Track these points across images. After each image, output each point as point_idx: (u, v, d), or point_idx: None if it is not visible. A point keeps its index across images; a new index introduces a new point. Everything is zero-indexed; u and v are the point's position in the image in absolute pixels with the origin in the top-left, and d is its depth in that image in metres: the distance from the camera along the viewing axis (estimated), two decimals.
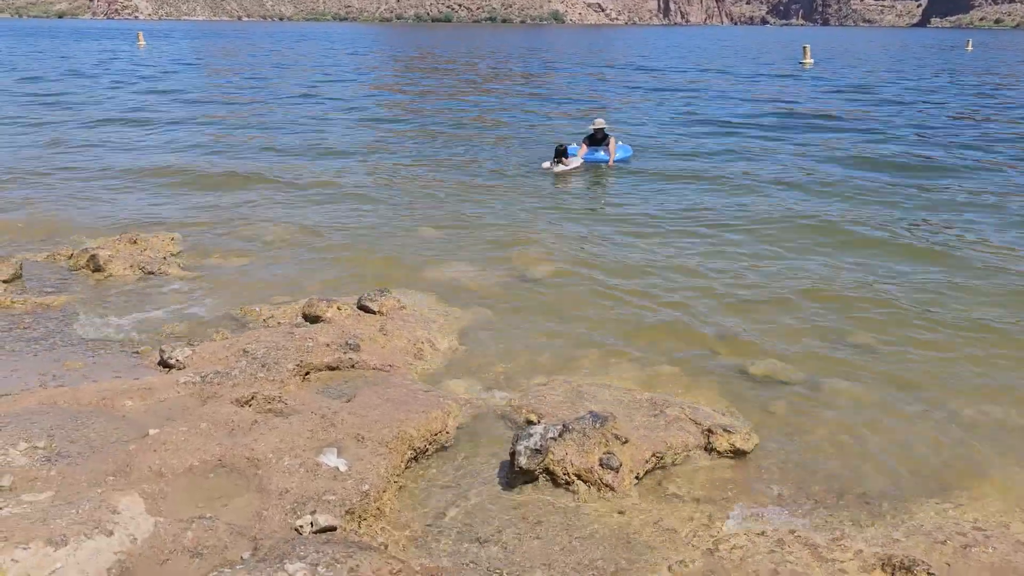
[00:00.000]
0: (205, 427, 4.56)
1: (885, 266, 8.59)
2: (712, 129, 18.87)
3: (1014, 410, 5.45)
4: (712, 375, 5.94)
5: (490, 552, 3.95)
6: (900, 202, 11.64)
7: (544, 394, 5.53)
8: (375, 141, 17.11)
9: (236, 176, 13.17)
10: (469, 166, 14.28)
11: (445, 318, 6.87)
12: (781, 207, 11.14)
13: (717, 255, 8.87)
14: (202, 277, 7.96)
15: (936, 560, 3.76)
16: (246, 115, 21.12)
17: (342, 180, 12.94)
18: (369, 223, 10.21)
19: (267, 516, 3.83)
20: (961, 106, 24.01)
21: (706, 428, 4.99)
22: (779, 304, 7.40)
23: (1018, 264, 8.59)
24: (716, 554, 3.90)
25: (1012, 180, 13.21)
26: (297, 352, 5.80)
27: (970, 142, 17.15)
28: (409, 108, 23.45)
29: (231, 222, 10.15)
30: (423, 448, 4.76)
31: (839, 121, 20.57)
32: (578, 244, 9.33)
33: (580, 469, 4.44)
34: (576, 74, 36.22)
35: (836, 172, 13.90)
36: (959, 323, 6.95)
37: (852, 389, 5.70)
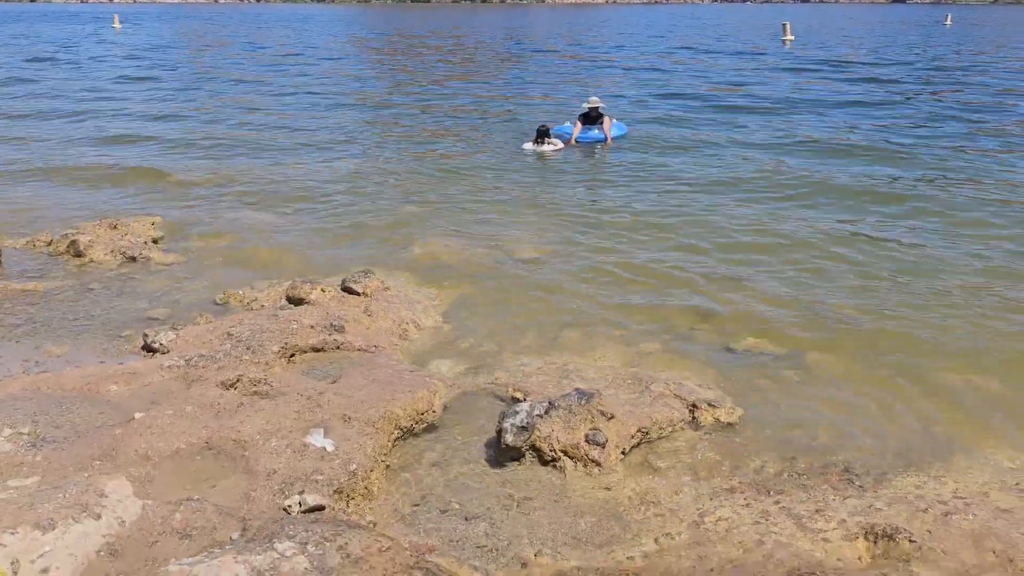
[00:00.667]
0: (191, 410, 4.55)
1: (863, 240, 8.66)
2: (694, 109, 18.85)
3: (994, 379, 5.53)
4: (696, 351, 5.98)
5: (478, 529, 3.98)
6: (875, 175, 11.71)
7: (530, 372, 5.55)
8: (356, 123, 17.01)
9: (215, 159, 13.07)
10: (452, 148, 14.23)
11: (430, 298, 6.87)
12: (762, 188, 11.14)
13: (698, 234, 8.88)
14: (184, 261, 7.91)
15: (917, 528, 3.82)
16: (224, 98, 20.91)
17: (324, 163, 12.86)
18: (352, 205, 10.16)
19: (255, 497, 3.84)
20: (939, 80, 24.11)
21: (690, 403, 5.03)
22: (760, 280, 7.46)
23: (994, 234, 8.68)
24: (702, 526, 3.95)
25: (986, 152, 13.30)
26: (282, 334, 5.79)
27: (947, 116, 17.25)
28: (390, 91, 23.28)
29: (212, 206, 10.08)
30: (410, 427, 4.78)
31: (818, 98, 20.60)
32: (561, 224, 9.33)
33: (566, 445, 4.47)
34: (558, 55, 36.06)
35: (812, 149, 13.96)
36: (938, 294, 7.03)
37: (834, 361, 5.76)
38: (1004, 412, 5.13)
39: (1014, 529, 3.79)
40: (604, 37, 49.83)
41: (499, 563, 3.72)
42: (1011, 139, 14.53)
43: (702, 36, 50.86)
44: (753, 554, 3.64)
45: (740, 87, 22.72)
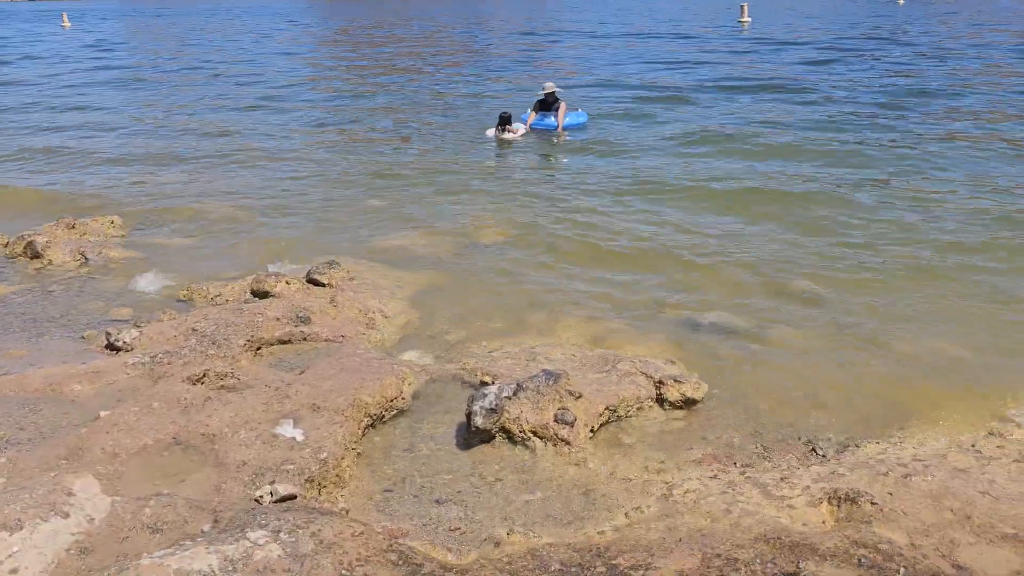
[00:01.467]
0: (157, 406, 4.52)
1: (819, 215, 8.82)
2: (652, 93, 18.93)
3: (948, 345, 5.68)
4: (661, 328, 6.06)
5: (450, 511, 4.01)
6: (833, 154, 11.91)
7: (497, 356, 5.59)
8: (316, 116, 16.85)
9: (175, 156, 12.89)
10: (413, 137, 14.18)
11: (395, 287, 6.87)
12: (718, 167, 11.24)
13: (660, 214, 8.99)
14: (146, 258, 7.81)
15: (879, 490, 3.92)
16: (180, 95, 20.60)
17: (284, 156, 12.76)
18: (315, 196, 10.11)
19: (226, 489, 3.84)
20: (896, 61, 24.47)
21: (657, 380, 5.10)
22: (722, 257, 7.57)
23: (946, 209, 8.87)
24: (670, 499, 4.02)
25: (944, 130, 13.56)
26: (247, 328, 5.76)
27: (902, 94, 17.52)
28: (350, 82, 23.09)
29: (173, 202, 9.96)
30: (379, 414, 4.79)
31: (775, 80, 20.81)
32: (524, 208, 9.37)
33: (536, 426, 4.52)
34: (518, 42, 35.99)
35: (769, 131, 14.11)
36: (894, 266, 7.19)
37: (796, 334, 5.87)
38: (961, 377, 5.27)
39: (971, 487, 3.91)
40: (562, 23, 49.82)
41: (472, 543, 3.75)
42: (958, 116, 14.81)
43: (659, 19, 51.05)
44: (721, 523, 3.71)
45: (692, 71, 22.80)
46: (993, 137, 12.60)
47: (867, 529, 3.57)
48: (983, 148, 11.86)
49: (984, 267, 7.05)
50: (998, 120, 14.01)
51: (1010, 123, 13.70)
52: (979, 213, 8.59)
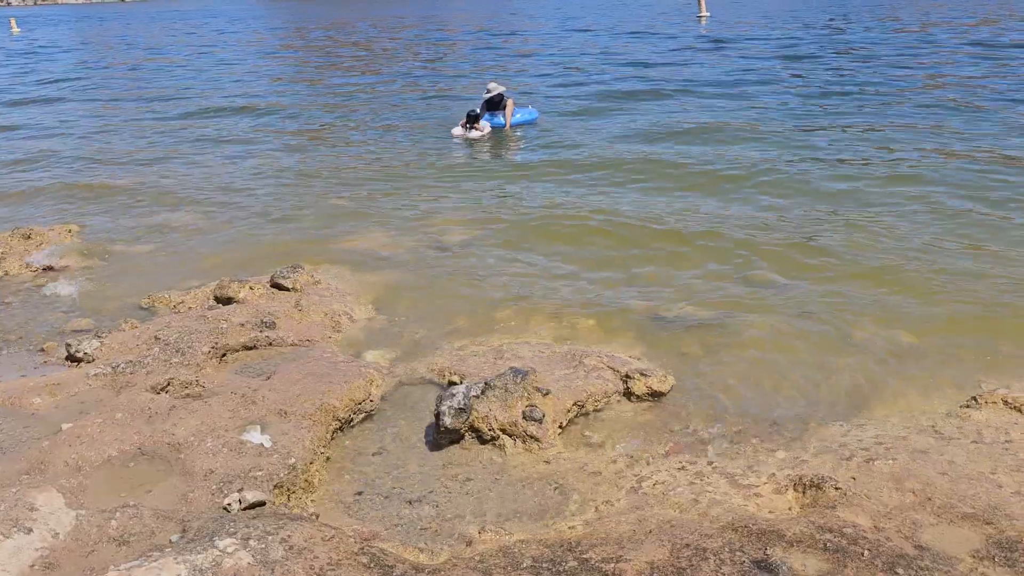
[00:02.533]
0: (121, 417, 4.46)
1: (777, 205, 8.95)
2: (610, 89, 19.00)
3: (909, 332, 5.79)
4: (627, 323, 6.10)
5: (422, 512, 4.02)
6: (790, 144, 12.07)
7: (465, 355, 5.60)
8: (276, 119, 16.65)
9: (133, 161, 12.70)
10: (376, 138, 14.09)
11: (361, 289, 6.84)
12: (678, 162, 11.23)
13: (621, 210, 9.02)
14: (106, 267, 7.70)
15: (842, 475, 4.00)
16: (136, 99, 20.27)
17: (245, 160, 12.61)
18: (277, 200, 10.01)
19: (193, 498, 3.80)
20: (853, 50, 24.85)
21: (624, 374, 5.14)
22: (683, 249, 7.65)
23: (904, 201, 9.03)
24: (640, 491, 4.06)
25: (898, 119, 13.80)
26: (211, 335, 5.70)
27: (860, 82, 17.79)
28: (308, 85, 22.88)
29: (133, 209, 9.81)
30: (348, 418, 4.77)
31: (734, 74, 21.02)
32: (488, 207, 9.38)
33: (505, 423, 4.53)
34: (476, 42, 35.95)
35: (729, 123, 14.26)
36: (851, 254, 7.31)
37: (759, 324, 5.94)
38: (918, 361, 5.39)
39: (931, 469, 4.00)
40: (521, 22, 49.87)
41: (444, 543, 3.77)
42: (908, 111, 15.08)
43: (618, 15, 51.29)
44: (689, 513, 3.76)
45: (651, 68, 22.92)
46: (945, 128, 12.86)
47: (832, 514, 3.64)
48: (939, 138, 12.09)
49: (941, 257, 7.19)
50: (953, 105, 14.29)
51: (965, 109, 13.98)
52: (938, 204, 8.75)
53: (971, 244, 7.47)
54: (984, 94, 15.57)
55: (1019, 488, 3.81)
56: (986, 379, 5.07)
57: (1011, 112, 13.68)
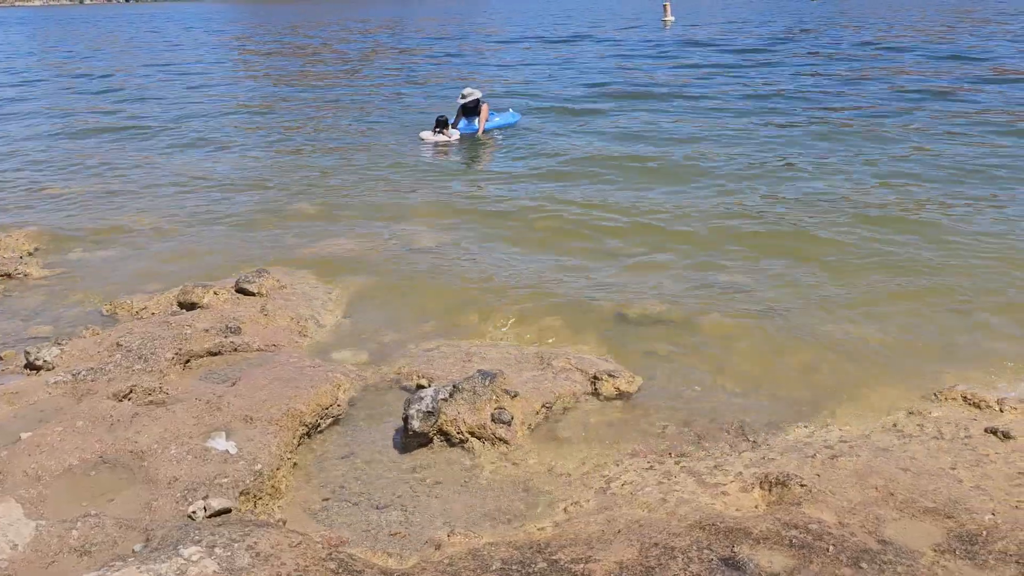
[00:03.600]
0: (82, 425, 4.38)
1: (742, 203, 9.06)
2: (577, 93, 19.08)
3: (870, 331, 5.88)
4: (595, 324, 6.12)
5: (390, 516, 3.99)
6: (753, 141, 12.25)
7: (433, 358, 5.58)
8: (243, 123, 16.49)
9: (96, 165, 12.49)
10: (344, 143, 13.97)
11: (328, 293, 6.79)
12: (644, 166, 11.27)
13: (589, 213, 9.06)
14: (66, 273, 7.56)
15: (807, 472, 4.04)
16: (99, 102, 19.96)
17: (210, 164, 12.46)
18: (243, 204, 9.91)
19: (157, 506, 3.74)
20: (812, 55, 25.23)
21: (591, 375, 5.16)
22: (650, 249, 7.70)
23: (866, 198, 9.19)
24: (608, 492, 4.07)
25: (859, 120, 14.03)
26: (175, 341, 5.61)
27: (820, 87, 18.07)
28: (277, 89, 22.69)
29: (93, 214, 9.64)
30: (315, 423, 4.73)
31: (699, 79, 21.24)
32: (457, 211, 9.36)
33: (473, 426, 4.53)
34: (447, 46, 35.91)
35: (689, 120, 14.43)
36: (818, 252, 7.42)
37: (725, 323, 6.00)
38: (881, 359, 5.48)
39: (893, 465, 4.06)
40: (489, 27, 49.93)
41: (413, 547, 3.74)
42: (868, 117, 15.35)
43: (584, 19, 51.56)
44: (657, 513, 3.78)
45: (618, 73, 23.06)
46: (908, 127, 13.10)
47: (797, 511, 3.68)
48: (895, 140, 12.31)
49: (902, 256, 7.32)
50: (909, 109, 14.56)
51: (923, 112, 14.25)
52: (899, 204, 8.91)
53: (931, 241, 7.61)
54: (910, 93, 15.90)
55: (978, 483, 3.88)
56: (946, 376, 5.16)
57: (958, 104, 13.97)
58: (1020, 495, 3.76)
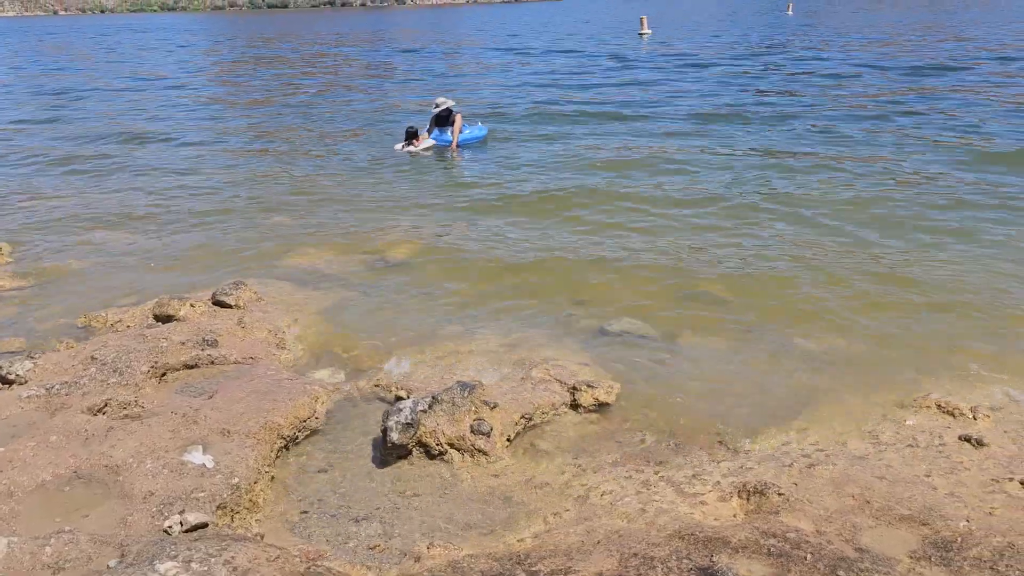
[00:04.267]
0: (56, 440, 4.32)
1: (719, 217, 9.13)
2: (556, 108, 19.18)
3: (845, 340, 5.95)
4: (573, 335, 6.14)
5: (369, 529, 3.97)
6: (727, 155, 12.35)
7: (412, 370, 5.57)
8: (220, 135, 16.40)
9: (66, 177, 12.37)
10: (321, 154, 13.93)
11: (306, 305, 6.76)
12: (616, 179, 11.31)
13: (565, 224, 9.11)
14: (39, 286, 7.47)
15: (785, 481, 4.08)
16: (72, 114, 19.77)
17: (187, 176, 12.37)
18: (219, 216, 9.84)
19: (133, 521, 3.69)
20: (786, 67, 25.53)
21: (570, 386, 5.17)
22: (629, 263, 7.74)
23: (838, 211, 9.30)
24: (588, 502, 4.08)
25: (830, 133, 14.20)
26: (151, 354, 5.56)
27: (794, 99, 18.29)
28: (253, 100, 22.60)
29: (67, 226, 9.54)
30: (293, 436, 4.70)
31: (675, 94, 21.41)
32: (434, 223, 9.36)
33: (452, 438, 4.52)
34: (424, 58, 35.96)
35: (666, 143, 14.51)
36: (793, 268, 7.48)
37: (702, 335, 6.04)
38: (852, 367, 5.54)
39: (869, 473, 4.11)
40: (462, 39, 50.08)
41: (392, 560, 3.73)
42: (845, 126, 15.55)
43: (563, 32, 51.81)
44: (636, 522, 3.79)
45: (594, 87, 23.18)
46: (877, 142, 13.28)
47: (775, 519, 3.70)
48: (866, 152, 12.47)
49: (874, 268, 7.40)
50: (881, 118, 14.77)
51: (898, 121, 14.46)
52: (873, 215, 9.01)
53: (904, 252, 7.71)
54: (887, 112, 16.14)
55: (953, 490, 3.93)
56: (920, 384, 5.23)
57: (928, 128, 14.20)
58: (994, 502, 3.81)
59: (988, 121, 14.51)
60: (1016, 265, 7.31)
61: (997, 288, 6.81)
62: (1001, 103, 16.42)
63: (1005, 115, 15.04)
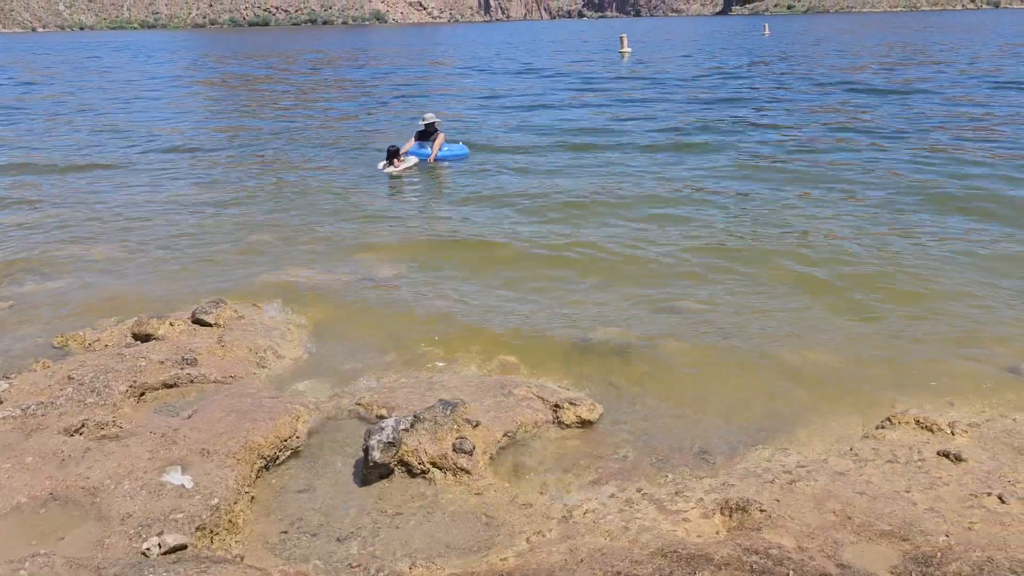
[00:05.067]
0: (31, 461, 4.26)
1: (699, 234, 9.19)
2: (538, 124, 19.29)
3: (825, 357, 5.99)
4: (556, 353, 6.14)
5: (350, 549, 3.94)
6: (708, 174, 12.45)
7: (394, 388, 5.54)
8: (197, 154, 16.27)
9: (46, 194, 12.25)
10: (303, 172, 13.87)
11: (287, 324, 6.72)
12: (596, 194, 11.40)
13: (546, 240, 9.13)
14: (14, 306, 7.37)
15: (767, 498, 4.09)
16: (51, 130, 19.62)
17: (164, 194, 12.27)
18: (199, 234, 9.77)
19: (110, 544, 3.64)
20: (759, 84, 25.87)
21: (553, 403, 5.17)
22: (609, 278, 7.77)
23: (817, 223, 9.40)
24: (571, 520, 4.07)
25: (807, 154, 14.37)
26: (129, 373, 5.50)
27: (772, 111, 18.51)
28: (234, 119, 22.53)
29: (44, 244, 9.44)
30: (273, 455, 4.66)
31: (657, 106, 21.62)
32: (415, 243, 9.33)
33: (434, 456, 4.50)
34: (406, 77, 36.08)
35: (645, 146, 14.64)
36: (773, 282, 7.54)
37: (684, 351, 6.07)
38: (835, 384, 5.58)
39: (850, 489, 4.13)
40: (450, 57, 50.33)
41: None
42: (823, 148, 15.74)
43: (545, 52, 52.23)
44: (619, 540, 3.79)
45: (575, 105, 23.36)
46: (856, 146, 13.45)
47: (757, 536, 3.71)
48: (848, 168, 12.63)
49: (854, 284, 7.47)
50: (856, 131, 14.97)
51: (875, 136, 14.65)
52: (851, 234, 9.11)
53: (882, 270, 7.79)
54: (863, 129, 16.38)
55: (932, 505, 3.96)
56: (899, 400, 5.27)
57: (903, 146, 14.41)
58: (973, 517, 3.84)
59: (965, 140, 14.77)
60: (993, 279, 7.43)
61: (974, 303, 6.91)
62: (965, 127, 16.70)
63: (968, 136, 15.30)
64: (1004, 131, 15.60)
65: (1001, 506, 3.93)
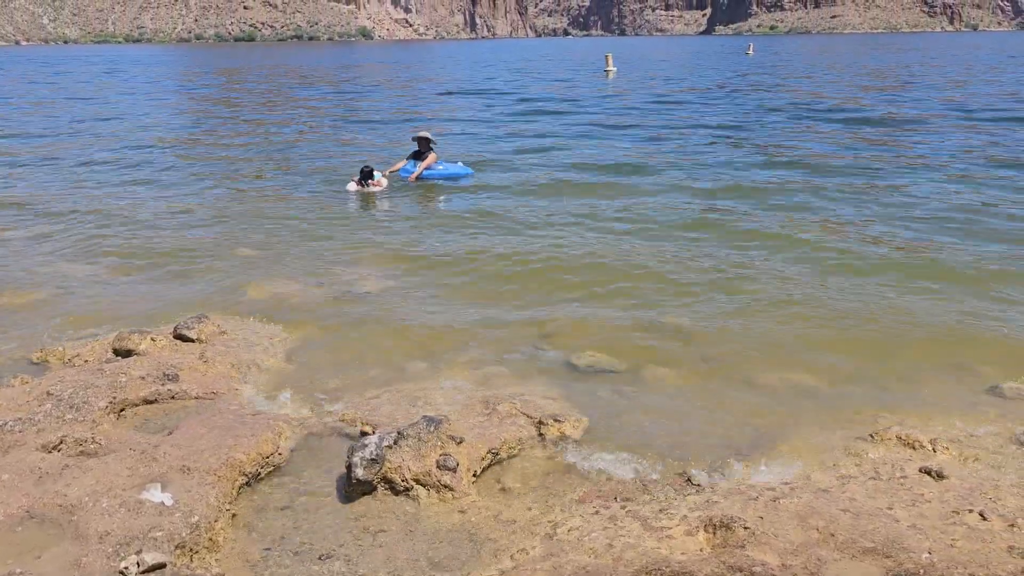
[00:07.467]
0: (7, 478, 4.20)
1: (681, 251, 9.24)
2: (523, 140, 19.37)
3: (807, 375, 6.02)
4: (540, 369, 6.14)
5: (333, 567, 3.90)
6: (687, 191, 12.55)
7: (377, 405, 5.51)
8: (180, 168, 16.17)
9: (26, 207, 12.15)
10: (284, 188, 13.82)
11: (270, 339, 6.68)
12: (581, 213, 11.39)
13: (530, 259, 9.12)
14: None
15: (751, 515, 4.09)
16: (33, 146, 19.48)
17: (145, 209, 12.20)
18: (183, 250, 9.70)
19: (87, 562, 3.59)
20: (744, 104, 26.13)
21: (537, 420, 5.16)
22: (593, 296, 7.78)
23: (798, 240, 9.47)
24: (555, 538, 4.05)
25: (802, 165, 14.52)
26: (109, 389, 5.44)
27: (756, 127, 18.70)
28: (213, 135, 22.45)
29: (22, 257, 9.35)
30: (255, 472, 4.62)
31: (642, 125, 21.77)
32: (398, 259, 9.30)
33: (418, 473, 4.47)
34: (388, 95, 36.14)
35: (633, 165, 14.72)
36: (755, 298, 7.58)
37: (668, 370, 6.07)
38: (815, 401, 5.61)
39: (833, 506, 4.14)
40: (434, 74, 50.50)
41: None
42: (812, 170, 15.90)
43: (530, 70, 52.56)
44: (604, 558, 3.77)
45: (569, 122, 23.49)
46: (832, 171, 13.58)
47: (741, 553, 3.71)
48: (824, 187, 12.75)
49: (835, 303, 7.52)
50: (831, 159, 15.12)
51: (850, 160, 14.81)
52: (834, 252, 9.18)
53: (863, 287, 7.85)
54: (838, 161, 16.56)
55: (915, 522, 3.97)
56: (881, 417, 5.30)
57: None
58: (955, 533, 3.85)
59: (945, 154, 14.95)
60: (973, 296, 7.50)
61: (955, 321, 6.97)
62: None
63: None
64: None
65: (983, 523, 3.95)
